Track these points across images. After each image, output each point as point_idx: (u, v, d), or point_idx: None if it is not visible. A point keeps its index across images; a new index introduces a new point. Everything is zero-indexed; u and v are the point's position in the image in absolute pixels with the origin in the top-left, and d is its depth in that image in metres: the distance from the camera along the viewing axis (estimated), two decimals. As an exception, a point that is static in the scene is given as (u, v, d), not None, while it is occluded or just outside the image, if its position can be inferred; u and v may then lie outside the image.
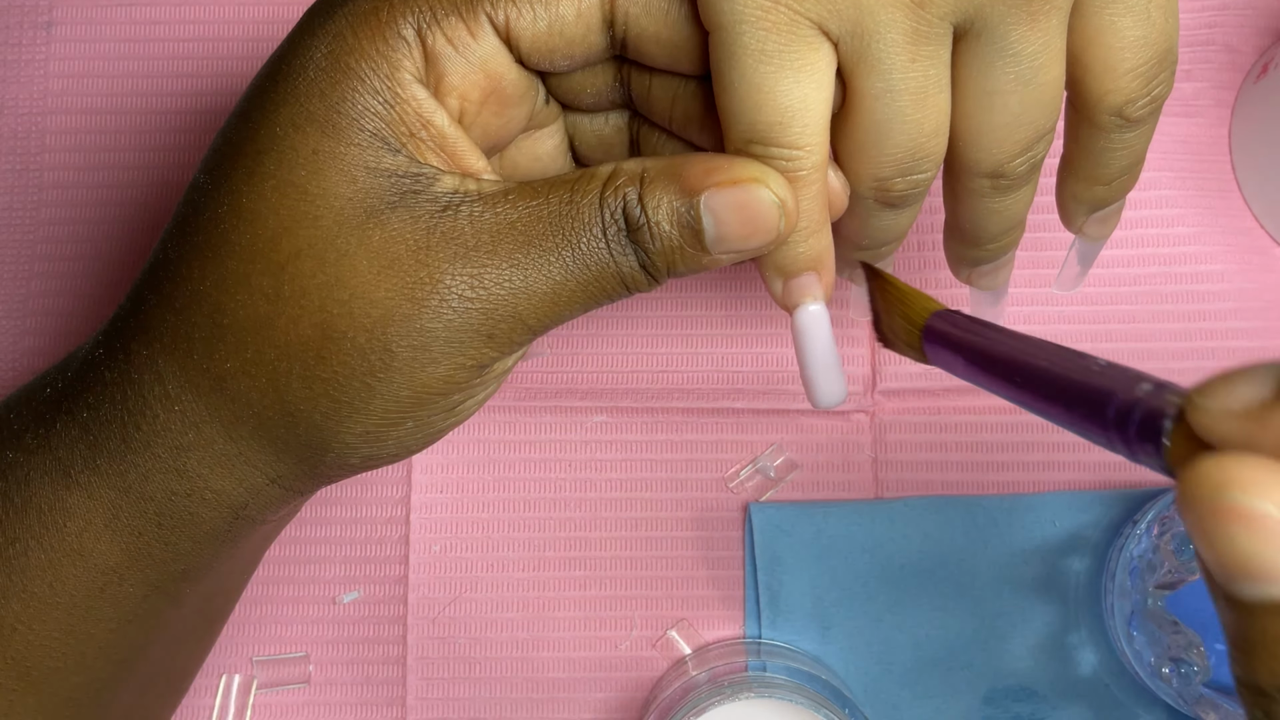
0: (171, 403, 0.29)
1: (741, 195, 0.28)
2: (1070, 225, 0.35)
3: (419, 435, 0.29)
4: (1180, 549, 0.38)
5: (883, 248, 0.33)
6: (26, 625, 0.30)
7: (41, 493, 0.30)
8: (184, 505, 0.30)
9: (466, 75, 0.28)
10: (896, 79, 0.28)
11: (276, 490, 0.30)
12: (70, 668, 0.31)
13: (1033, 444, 0.44)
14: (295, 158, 0.28)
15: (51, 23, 0.47)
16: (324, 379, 0.28)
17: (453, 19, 0.28)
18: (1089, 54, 0.30)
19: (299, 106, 0.28)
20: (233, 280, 0.28)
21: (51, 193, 0.46)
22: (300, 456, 0.29)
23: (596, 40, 0.29)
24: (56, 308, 0.46)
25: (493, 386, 0.30)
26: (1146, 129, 0.31)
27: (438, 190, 0.28)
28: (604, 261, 0.28)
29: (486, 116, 0.30)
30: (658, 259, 0.28)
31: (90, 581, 0.30)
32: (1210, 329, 0.44)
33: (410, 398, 0.28)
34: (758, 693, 0.37)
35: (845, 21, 0.28)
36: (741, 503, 0.44)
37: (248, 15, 0.47)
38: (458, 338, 0.28)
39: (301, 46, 0.28)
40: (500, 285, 0.28)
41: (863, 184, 0.30)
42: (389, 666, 0.44)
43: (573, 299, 0.28)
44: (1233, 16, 0.46)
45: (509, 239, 0.28)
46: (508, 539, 0.44)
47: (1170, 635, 0.38)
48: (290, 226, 0.28)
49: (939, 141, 0.29)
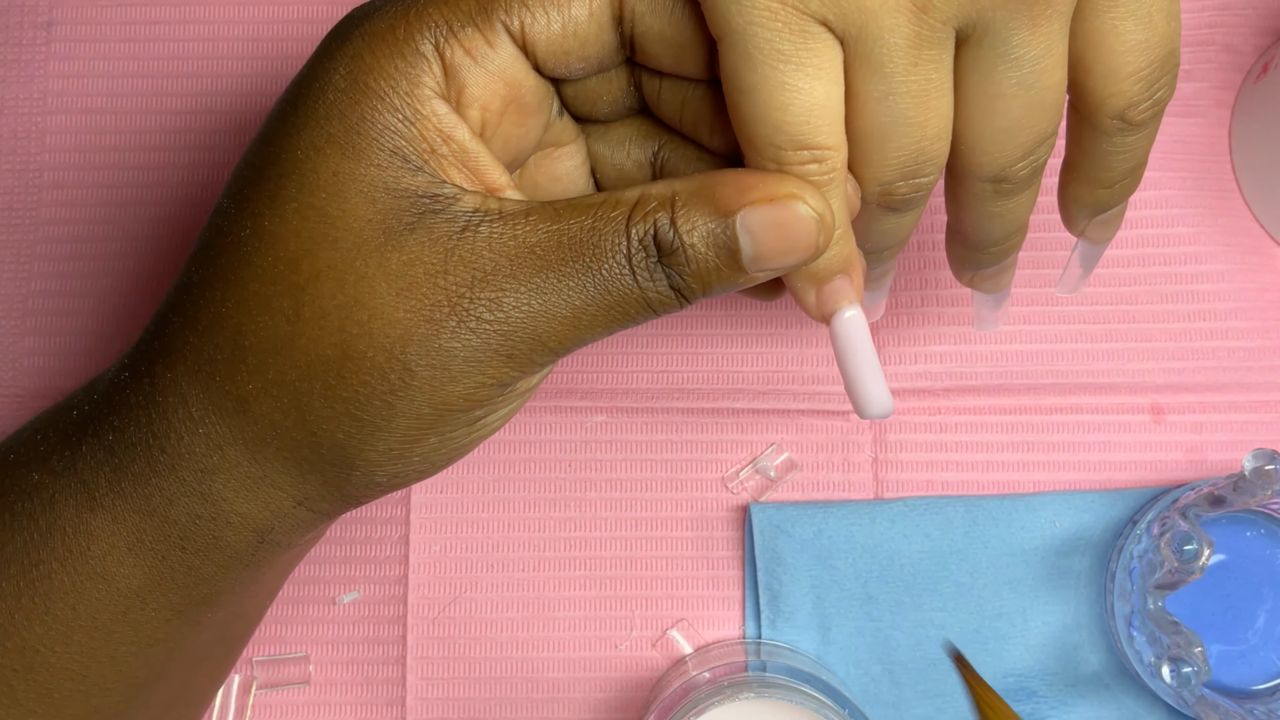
0: (195, 425, 0.29)
1: (779, 213, 0.28)
2: (1072, 228, 0.35)
3: (443, 451, 0.29)
4: (1180, 549, 0.38)
5: (885, 251, 0.33)
6: (49, 648, 0.30)
7: (66, 515, 0.30)
8: (209, 529, 0.30)
9: (487, 85, 0.28)
10: (898, 82, 0.28)
11: (303, 513, 0.30)
12: (90, 690, 0.31)
13: (1033, 444, 0.44)
14: (316, 181, 0.28)
15: (51, 22, 0.47)
16: (345, 398, 0.28)
17: (469, 30, 0.28)
18: (1091, 57, 0.30)
19: (319, 129, 0.28)
20: (254, 302, 0.28)
21: (51, 193, 0.46)
22: (326, 477, 0.29)
23: (608, 40, 0.29)
24: (56, 308, 0.46)
25: (517, 403, 0.30)
26: (1149, 132, 0.31)
27: (457, 210, 0.28)
28: (628, 287, 0.28)
29: (507, 127, 0.30)
30: (693, 281, 0.28)
31: (112, 605, 0.30)
32: (1210, 329, 0.44)
33: (432, 415, 0.28)
34: (758, 693, 0.37)
35: (850, 24, 0.28)
36: (741, 503, 0.44)
37: (247, 15, 0.47)
38: (477, 357, 0.28)
39: (321, 70, 0.28)
40: (519, 309, 0.28)
41: (866, 187, 0.30)
42: (389, 667, 0.44)
43: (594, 323, 0.28)
44: (1233, 16, 0.46)
45: (529, 263, 0.28)
46: (508, 539, 0.44)
47: (1170, 635, 0.38)
48: (310, 249, 0.28)
49: (941, 145, 0.29)
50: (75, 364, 0.46)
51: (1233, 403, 0.44)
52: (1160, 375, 0.44)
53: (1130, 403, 0.44)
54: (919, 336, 0.45)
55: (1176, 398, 0.44)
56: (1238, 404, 0.44)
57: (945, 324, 0.45)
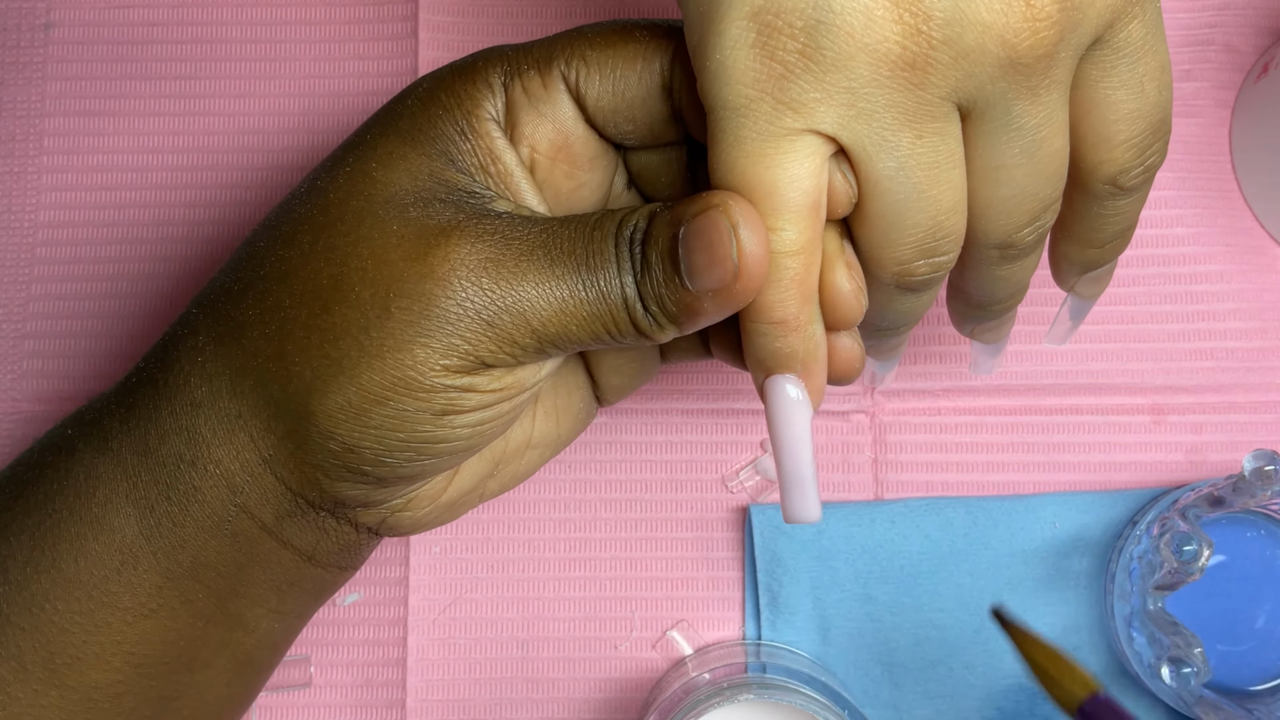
0: (196, 354, 0.31)
1: (703, 221, 0.28)
2: (1063, 284, 0.35)
3: (402, 432, 0.30)
4: (1180, 549, 0.38)
5: (900, 328, 0.33)
6: (53, 604, 0.31)
7: (83, 462, 0.32)
8: (188, 476, 0.31)
9: (537, 126, 0.31)
10: (905, 154, 0.28)
11: (269, 479, 0.31)
12: (89, 660, 0.32)
13: (1033, 444, 0.44)
14: (373, 154, 0.31)
15: (50, 24, 0.47)
16: (323, 328, 0.29)
17: (531, 72, 0.31)
18: (1084, 125, 0.30)
19: (390, 123, 0.31)
20: (281, 239, 0.31)
21: (50, 195, 0.46)
22: (287, 427, 0.30)
23: (656, 107, 0.31)
24: (56, 310, 0.46)
25: (487, 415, 0.30)
26: (1140, 196, 0.32)
27: (489, 206, 0.30)
28: (610, 288, 0.29)
29: (558, 177, 0.32)
30: (646, 291, 0.29)
31: (109, 560, 0.31)
32: (1209, 329, 0.44)
33: (397, 375, 0.29)
34: (757, 694, 0.37)
35: (840, 107, 0.28)
36: (741, 503, 0.44)
37: (246, 17, 0.47)
38: (457, 314, 0.29)
39: (410, 86, 0.32)
40: (513, 282, 0.29)
41: (884, 270, 0.30)
42: (390, 668, 0.44)
43: (578, 317, 0.29)
44: (1233, 16, 0.46)
45: (534, 253, 0.29)
46: (508, 539, 0.45)
47: (1170, 636, 0.38)
48: (345, 198, 0.30)
49: (958, 220, 0.29)
50: (75, 365, 0.46)
51: (1233, 403, 0.44)
52: (1160, 375, 0.44)
53: (1130, 403, 0.44)
54: (919, 337, 0.45)
55: (1176, 398, 0.44)
56: (1238, 404, 0.44)
57: (945, 324, 0.45)
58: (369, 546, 0.35)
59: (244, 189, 0.46)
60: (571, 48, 0.31)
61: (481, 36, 0.47)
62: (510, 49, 0.32)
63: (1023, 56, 0.27)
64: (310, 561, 0.33)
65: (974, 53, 0.27)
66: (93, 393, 0.45)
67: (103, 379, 0.45)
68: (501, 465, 0.34)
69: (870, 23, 0.27)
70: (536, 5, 0.47)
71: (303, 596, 0.34)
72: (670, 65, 0.31)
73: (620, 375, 0.35)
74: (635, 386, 0.36)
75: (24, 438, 0.45)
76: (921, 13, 0.27)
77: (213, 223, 0.46)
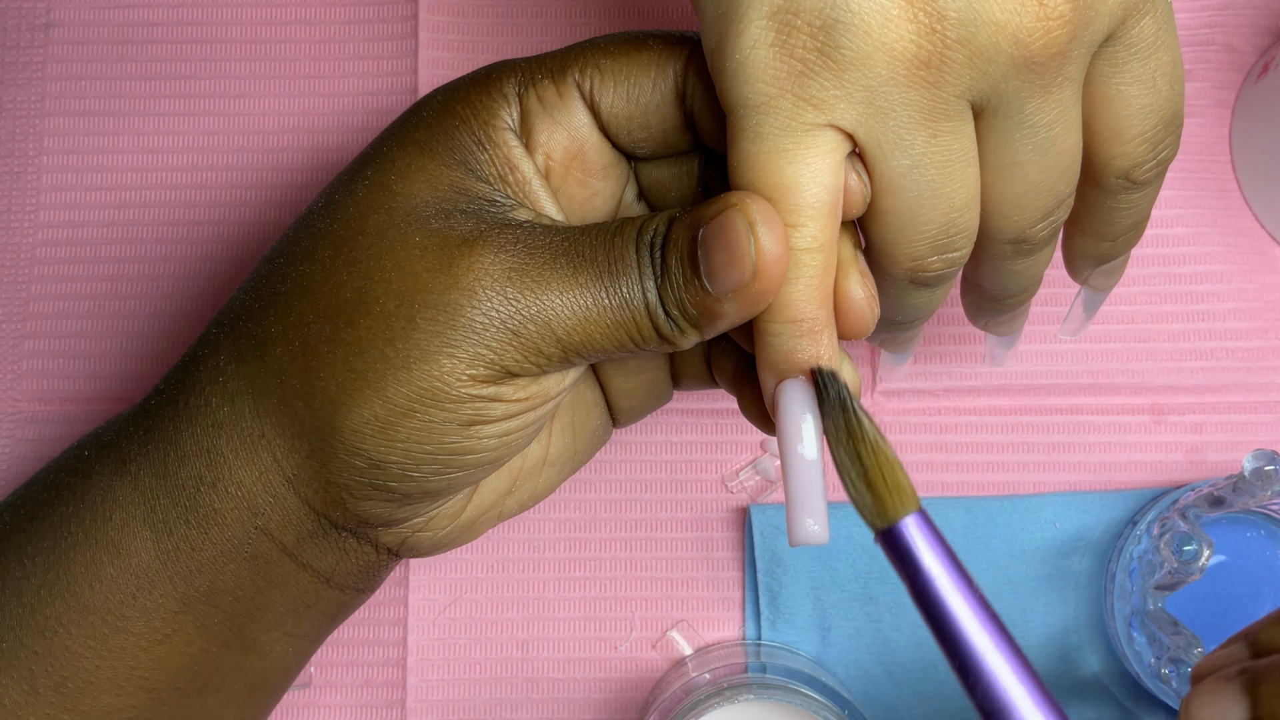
0: (217, 374, 0.31)
1: (721, 221, 0.28)
2: (1076, 277, 0.36)
3: (428, 445, 0.29)
4: (1180, 550, 0.38)
5: (914, 322, 0.33)
6: (65, 629, 0.31)
7: (100, 485, 0.32)
8: (209, 499, 0.31)
9: (552, 134, 0.31)
10: (920, 153, 0.28)
11: (292, 499, 0.31)
12: (102, 684, 0.31)
13: (1033, 444, 0.44)
14: (391, 166, 0.31)
15: (50, 24, 0.47)
16: (348, 343, 0.29)
17: (546, 81, 0.31)
18: (1097, 120, 0.30)
19: (407, 134, 0.31)
20: (301, 254, 0.31)
21: (50, 195, 0.46)
22: (312, 446, 0.30)
23: (670, 114, 0.31)
24: (56, 310, 0.46)
25: (513, 425, 0.30)
26: (1152, 190, 0.32)
27: (510, 215, 0.30)
28: (632, 294, 0.29)
29: (572, 185, 0.32)
30: (667, 295, 0.29)
31: (124, 584, 0.31)
32: (1210, 329, 0.44)
33: (424, 386, 0.29)
34: (757, 694, 0.37)
35: (859, 105, 0.28)
36: (741, 503, 0.44)
37: (247, 17, 0.47)
38: (483, 324, 0.29)
39: (425, 97, 0.32)
40: (537, 291, 0.29)
41: (898, 266, 0.30)
42: (389, 669, 0.44)
43: (602, 325, 0.29)
44: (1233, 16, 0.46)
45: (558, 261, 0.29)
46: (508, 539, 0.45)
47: (1170, 636, 0.38)
48: (365, 212, 0.30)
49: (971, 216, 0.30)
50: (75, 365, 0.46)
51: (1233, 403, 0.44)
52: (1160, 375, 0.44)
53: (1130, 403, 0.44)
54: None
55: (1176, 398, 0.44)
56: (1238, 404, 0.44)
57: (945, 324, 0.45)
58: (387, 568, 0.34)
59: (244, 189, 0.47)
60: (585, 57, 0.31)
61: (481, 36, 0.47)
62: (523, 60, 0.32)
63: (1036, 55, 0.28)
64: (328, 584, 0.33)
65: (988, 52, 0.27)
66: (93, 393, 0.45)
67: (103, 379, 0.45)
68: (520, 482, 0.34)
69: (886, 22, 0.27)
70: (537, 5, 0.47)
71: (318, 619, 0.34)
72: (683, 72, 0.31)
73: (630, 399, 0.35)
74: (648, 410, 0.36)
75: (24, 438, 0.45)
76: (936, 12, 0.27)
77: (213, 222, 0.46)
